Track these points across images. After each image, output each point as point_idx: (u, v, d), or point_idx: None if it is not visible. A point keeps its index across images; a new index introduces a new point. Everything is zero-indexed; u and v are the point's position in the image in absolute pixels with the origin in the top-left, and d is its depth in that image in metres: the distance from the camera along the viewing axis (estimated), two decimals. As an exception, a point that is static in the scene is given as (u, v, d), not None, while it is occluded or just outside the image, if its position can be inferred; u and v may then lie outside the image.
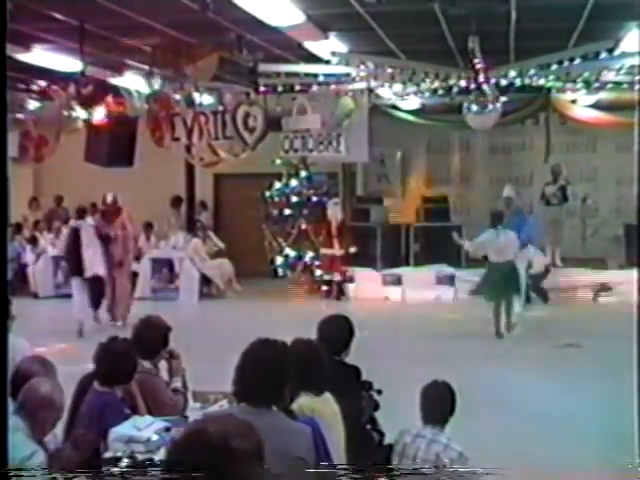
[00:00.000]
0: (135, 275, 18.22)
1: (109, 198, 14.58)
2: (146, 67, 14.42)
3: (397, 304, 16.92)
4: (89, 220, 14.42)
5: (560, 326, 13.80)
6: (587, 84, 15.74)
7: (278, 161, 17.72)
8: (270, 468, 2.73)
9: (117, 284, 14.24)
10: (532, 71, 14.71)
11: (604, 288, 16.37)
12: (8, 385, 3.63)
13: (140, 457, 4.55)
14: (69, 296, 14.22)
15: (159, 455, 4.55)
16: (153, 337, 6.06)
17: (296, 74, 15.62)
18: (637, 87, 14.53)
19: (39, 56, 13.79)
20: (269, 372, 4.11)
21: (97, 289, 13.95)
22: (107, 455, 4.78)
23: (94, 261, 13.75)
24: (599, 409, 8.70)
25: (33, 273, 18.03)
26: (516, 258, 13.38)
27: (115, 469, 4.34)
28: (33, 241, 18.76)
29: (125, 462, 4.49)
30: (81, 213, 14.60)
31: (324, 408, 4.74)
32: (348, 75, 15.42)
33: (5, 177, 3.53)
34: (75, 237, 13.91)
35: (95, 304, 14.01)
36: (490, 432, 7.88)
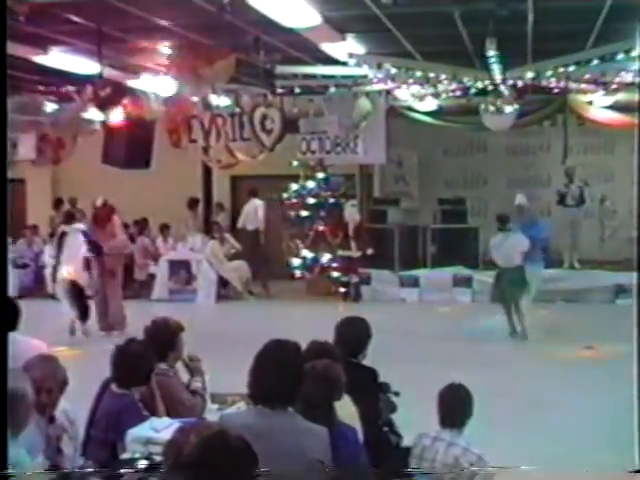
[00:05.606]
0: (152, 277, 18.32)
1: (98, 202, 14.36)
2: (163, 69, 14.46)
3: (414, 306, 16.89)
4: (79, 225, 14.08)
5: (577, 328, 13.70)
6: (605, 85, 15.68)
7: (295, 163, 17.74)
8: (287, 469, 2.74)
9: (109, 294, 13.60)
10: (549, 72, 14.67)
11: (621, 289, 16.28)
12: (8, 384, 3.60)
13: (158, 458, 4.55)
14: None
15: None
16: (164, 338, 6.02)
17: (313, 76, 15.62)
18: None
19: (56, 58, 13.82)
20: (283, 373, 4.10)
21: (81, 297, 13.52)
22: (125, 456, 4.79)
23: (78, 268, 13.40)
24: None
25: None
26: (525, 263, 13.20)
27: (132, 470, 4.34)
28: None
29: (143, 463, 4.50)
30: (69, 218, 14.31)
31: (341, 410, 4.73)
32: (365, 77, 15.40)
33: (5, 177, 3.54)
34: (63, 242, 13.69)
35: (82, 313, 13.45)
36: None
